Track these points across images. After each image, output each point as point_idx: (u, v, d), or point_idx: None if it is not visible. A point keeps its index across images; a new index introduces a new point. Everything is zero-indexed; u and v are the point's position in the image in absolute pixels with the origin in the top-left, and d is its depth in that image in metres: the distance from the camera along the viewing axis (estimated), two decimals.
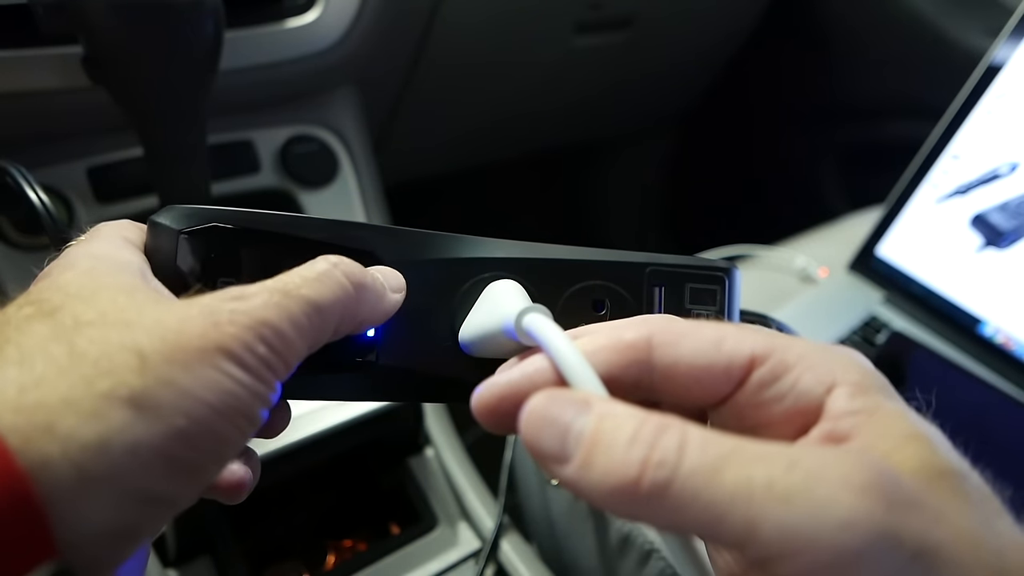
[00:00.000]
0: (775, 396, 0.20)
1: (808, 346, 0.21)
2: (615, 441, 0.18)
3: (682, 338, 0.21)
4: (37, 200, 0.38)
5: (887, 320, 0.70)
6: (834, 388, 0.20)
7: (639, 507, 0.17)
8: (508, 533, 0.60)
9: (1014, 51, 0.63)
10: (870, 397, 0.19)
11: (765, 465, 0.17)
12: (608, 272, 0.27)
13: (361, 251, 0.25)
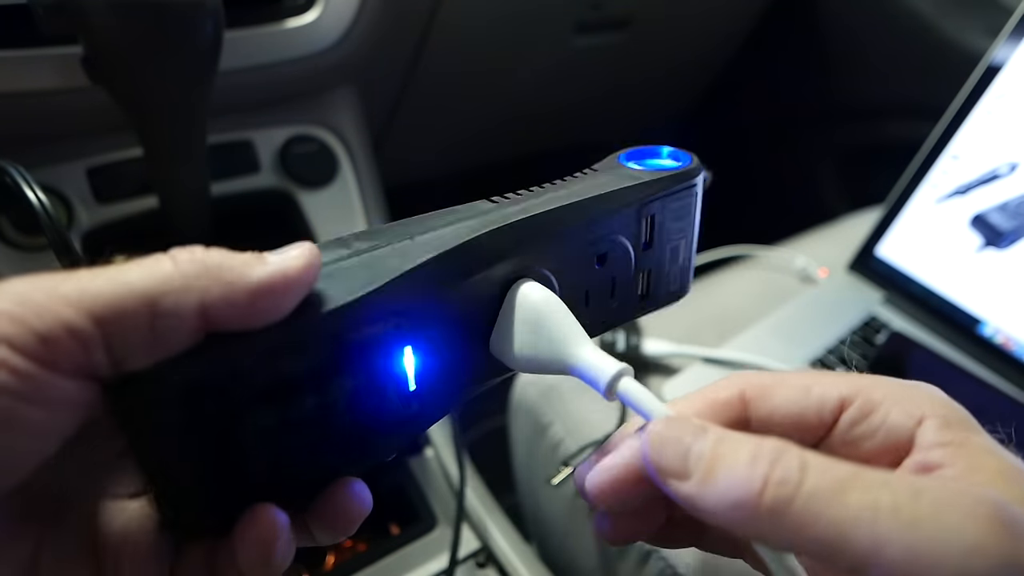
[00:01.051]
0: (867, 432, 0.22)
1: (893, 384, 0.22)
2: (737, 459, 0.19)
3: (773, 390, 0.23)
4: (36, 200, 0.38)
5: (887, 320, 0.70)
6: (923, 421, 0.21)
7: (760, 522, 0.18)
8: (508, 533, 0.60)
9: (1014, 51, 0.63)
10: (958, 430, 0.21)
11: (890, 491, 0.18)
12: (615, 226, 0.27)
13: (390, 319, 0.22)
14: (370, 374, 0.23)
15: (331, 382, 0.22)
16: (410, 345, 0.23)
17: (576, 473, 0.24)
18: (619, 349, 0.62)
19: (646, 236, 0.29)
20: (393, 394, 0.24)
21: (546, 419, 0.61)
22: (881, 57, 1.09)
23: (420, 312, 0.23)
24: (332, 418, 0.22)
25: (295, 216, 0.67)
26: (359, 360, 0.22)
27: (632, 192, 0.28)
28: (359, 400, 0.23)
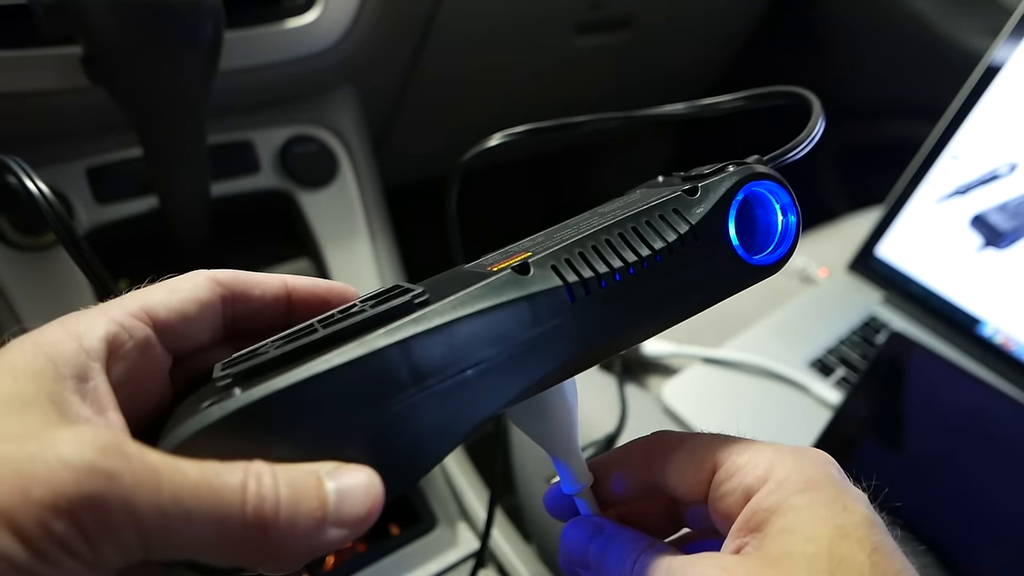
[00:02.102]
0: (727, 492, 0.24)
1: (760, 447, 0.25)
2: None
3: (671, 451, 0.26)
4: (37, 192, 0.37)
5: (887, 320, 0.70)
6: (764, 483, 0.23)
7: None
8: (508, 533, 0.60)
9: (1013, 51, 0.63)
10: (784, 491, 0.23)
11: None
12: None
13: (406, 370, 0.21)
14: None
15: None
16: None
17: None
18: None
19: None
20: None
21: None
22: (881, 57, 1.09)
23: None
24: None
25: (295, 216, 0.67)
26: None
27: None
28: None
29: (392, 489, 0.20)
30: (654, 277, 0.26)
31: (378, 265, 0.68)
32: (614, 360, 0.62)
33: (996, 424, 0.58)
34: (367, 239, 0.68)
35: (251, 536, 0.18)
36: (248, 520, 0.17)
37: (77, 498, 0.15)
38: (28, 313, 0.53)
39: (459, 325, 0.21)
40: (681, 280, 0.27)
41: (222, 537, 0.17)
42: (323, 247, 0.66)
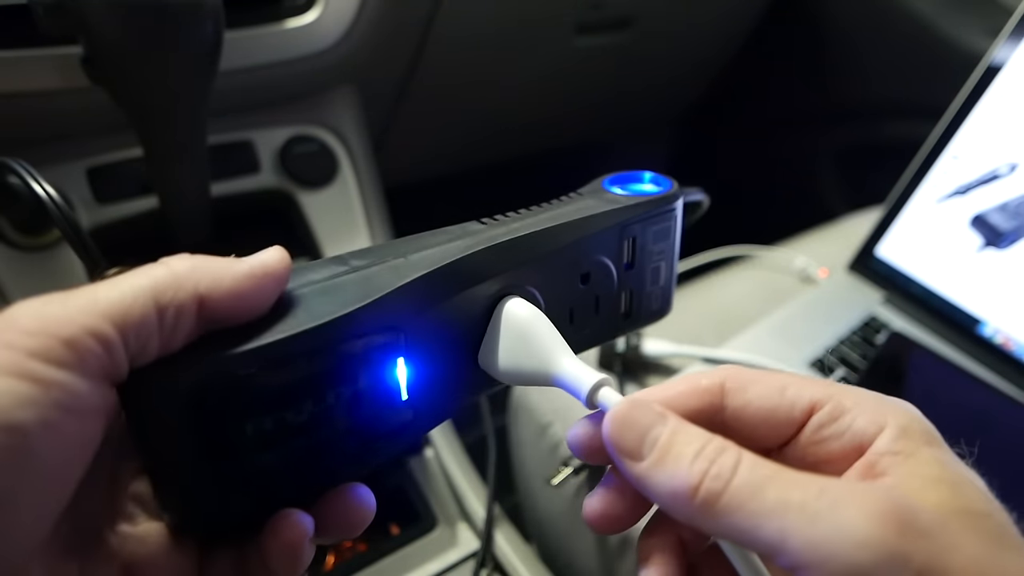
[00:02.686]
0: (833, 435, 0.23)
1: (865, 394, 0.24)
2: (683, 453, 0.21)
3: (750, 384, 0.25)
4: (43, 192, 0.37)
5: (887, 320, 0.70)
6: (883, 429, 0.22)
7: (693, 510, 0.20)
8: (508, 533, 0.60)
9: (1014, 51, 0.63)
10: (911, 441, 0.22)
11: (801, 489, 0.20)
12: (596, 247, 0.29)
13: (382, 330, 0.24)
14: (364, 383, 0.24)
15: (327, 389, 0.23)
16: (402, 357, 0.25)
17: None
18: (619, 350, 0.62)
19: (628, 257, 0.31)
20: (387, 402, 0.25)
21: (546, 419, 0.61)
22: (881, 57, 1.09)
23: (411, 326, 0.24)
24: (330, 424, 0.23)
25: (295, 216, 0.67)
26: (353, 370, 0.23)
27: (614, 215, 0.29)
28: (355, 408, 0.24)
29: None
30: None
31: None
32: (614, 360, 0.62)
33: (996, 424, 0.58)
34: (367, 239, 0.68)
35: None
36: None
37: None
38: None
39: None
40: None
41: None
42: (323, 247, 0.66)
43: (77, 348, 0.18)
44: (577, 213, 0.29)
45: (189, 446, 0.21)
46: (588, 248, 0.29)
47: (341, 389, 0.23)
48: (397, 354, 0.24)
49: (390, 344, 0.24)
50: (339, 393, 0.23)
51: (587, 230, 0.29)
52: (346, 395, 0.23)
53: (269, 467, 0.23)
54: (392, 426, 0.25)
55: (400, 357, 0.25)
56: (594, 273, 0.29)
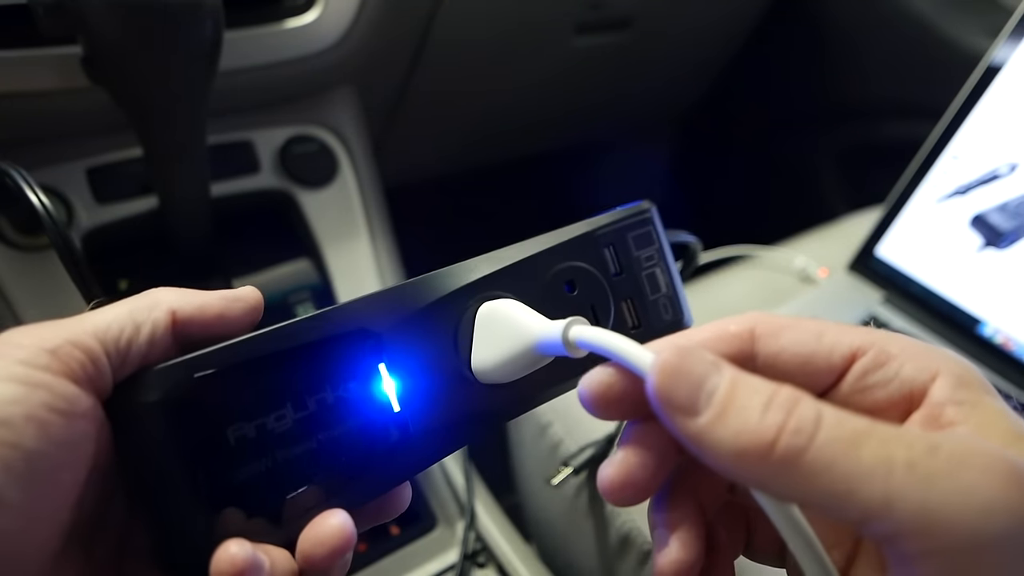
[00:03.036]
0: (879, 383, 0.21)
1: (908, 340, 0.22)
2: (750, 404, 0.18)
3: (783, 330, 0.22)
4: (38, 202, 0.38)
5: (887, 320, 0.70)
6: (937, 377, 0.20)
7: (767, 471, 0.18)
8: (508, 533, 0.60)
9: (1014, 51, 0.63)
10: (973, 391, 0.20)
11: (905, 446, 0.17)
12: (568, 254, 0.29)
13: (353, 333, 0.24)
14: (347, 390, 0.24)
15: (305, 395, 0.23)
16: (383, 363, 0.25)
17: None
18: None
19: (614, 264, 0.30)
20: (377, 413, 0.24)
21: (546, 419, 0.61)
22: (881, 57, 1.09)
23: (389, 333, 0.25)
24: (317, 434, 0.23)
25: (295, 216, 0.67)
26: (328, 374, 0.24)
27: (583, 226, 0.30)
28: (341, 417, 0.24)
29: None
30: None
31: (378, 265, 0.68)
32: None
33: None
34: (367, 239, 0.68)
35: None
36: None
37: None
38: (28, 313, 0.53)
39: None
40: None
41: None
42: (323, 247, 0.66)
43: (60, 355, 0.20)
44: (549, 236, 0.30)
45: (172, 458, 0.21)
46: (561, 255, 0.29)
47: (322, 395, 0.23)
48: (376, 360, 0.25)
49: (364, 349, 0.24)
50: (320, 400, 0.23)
51: (556, 240, 0.29)
52: (328, 402, 0.23)
53: (257, 482, 0.22)
54: (389, 441, 0.25)
55: (381, 363, 0.25)
56: (578, 280, 0.29)
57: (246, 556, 0.21)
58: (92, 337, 0.21)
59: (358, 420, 0.24)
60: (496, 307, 0.27)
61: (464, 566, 0.57)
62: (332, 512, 0.23)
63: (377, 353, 0.25)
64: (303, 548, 0.22)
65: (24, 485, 0.19)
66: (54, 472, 0.20)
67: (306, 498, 0.23)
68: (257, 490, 0.22)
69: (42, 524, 0.20)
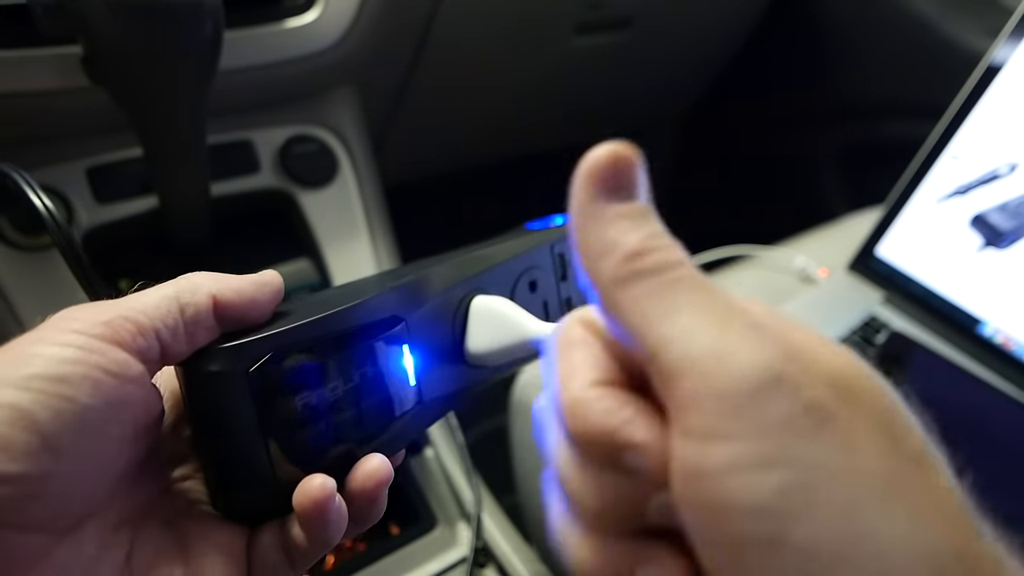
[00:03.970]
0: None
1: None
2: (645, 228, 0.21)
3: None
4: (40, 203, 0.38)
5: (887, 320, 0.70)
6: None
7: (621, 274, 0.19)
8: (508, 533, 0.60)
9: (1014, 51, 0.63)
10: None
11: (725, 307, 0.19)
12: (534, 260, 0.36)
13: (391, 318, 0.28)
14: (381, 365, 0.28)
15: (353, 369, 0.27)
16: (407, 344, 0.29)
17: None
18: None
19: (560, 271, 0.37)
20: (400, 386, 0.29)
21: None
22: (881, 57, 1.09)
23: (412, 318, 0.29)
24: (357, 402, 0.27)
25: (295, 216, 0.67)
26: (371, 352, 0.27)
27: (542, 236, 0.37)
28: (375, 388, 0.28)
29: None
30: None
31: (378, 265, 0.68)
32: None
33: (996, 424, 0.58)
34: (367, 239, 0.68)
35: None
36: None
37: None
38: (28, 313, 0.53)
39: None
40: None
41: None
42: (323, 247, 0.66)
43: (114, 326, 0.23)
44: (517, 241, 0.36)
45: (251, 418, 0.25)
46: (530, 261, 0.36)
47: (364, 369, 0.27)
48: (403, 342, 0.29)
49: (396, 332, 0.28)
50: (363, 373, 0.27)
51: (526, 247, 0.36)
52: (368, 375, 0.27)
53: (314, 440, 0.26)
54: (405, 408, 0.29)
55: (405, 344, 0.29)
56: (539, 282, 0.36)
57: (331, 485, 0.25)
58: (142, 314, 0.23)
59: (388, 390, 0.28)
60: (489, 303, 0.31)
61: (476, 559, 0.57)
62: (372, 455, 0.27)
63: (404, 337, 0.29)
64: (355, 484, 0.26)
65: (75, 435, 0.21)
66: (104, 426, 0.22)
67: (344, 454, 0.27)
68: (313, 448, 0.26)
69: (88, 470, 0.22)
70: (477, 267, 0.33)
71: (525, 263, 0.35)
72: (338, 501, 0.25)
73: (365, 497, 0.26)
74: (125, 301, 0.24)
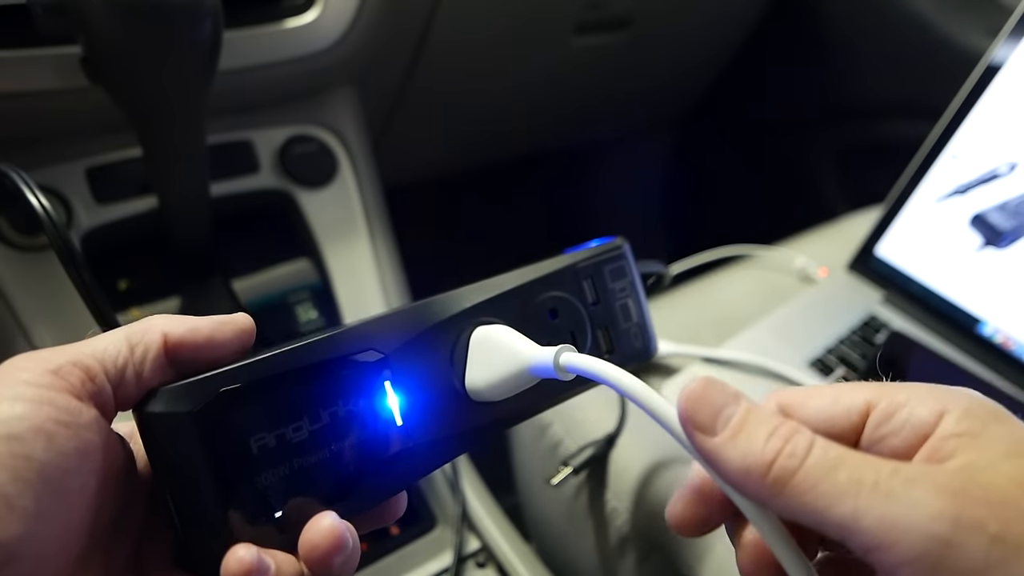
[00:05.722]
0: (892, 431, 0.23)
1: (919, 386, 0.24)
2: (757, 431, 0.22)
3: (806, 401, 0.25)
4: (37, 204, 0.38)
5: (886, 320, 0.70)
6: (944, 415, 0.22)
7: (766, 487, 0.21)
8: (508, 533, 0.60)
9: (1013, 51, 0.63)
10: (975, 421, 0.22)
11: (874, 469, 0.20)
12: (551, 283, 0.32)
13: (362, 350, 0.27)
14: (355, 405, 0.26)
15: (319, 408, 0.25)
16: (389, 381, 0.27)
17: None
18: None
19: (592, 295, 0.34)
20: (382, 427, 0.27)
21: (546, 419, 0.61)
22: (881, 57, 1.09)
23: (395, 354, 0.27)
24: (329, 444, 0.25)
25: (295, 216, 0.67)
26: (340, 389, 0.26)
27: (564, 260, 0.33)
28: (350, 429, 0.26)
29: None
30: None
31: (377, 265, 0.68)
32: None
33: None
34: (367, 239, 0.68)
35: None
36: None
37: None
38: (28, 313, 0.53)
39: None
40: None
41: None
42: (323, 247, 0.66)
43: (62, 374, 0.22)
44: (535, 268, 0.33)
45: (200, 464, 0.23)
46: (545, 287, 0.32)
47: (334, 408, 0.25)
48: (382, 378, 0.27)
49: (371, 368, 0.26)
50: (333, 412, 0.25)
51: (542, 272, 0.33)
52: (340, 415, 0.25)
53: (276, 486, 0.24)
54: (392, 451, 0.27)
55: (387, 381, 0.27)
56: (561, 309, 0.33)
57: (252, 559, 0.23)
58: (90, 358, 0.23)
59: (366, 432, 0.26)
60: (489, 332, 0.29)
61: (459, 568, 0.57)
62: (324, 514, 0.24)
63: (384, 371, 0.27)
64: (301, 550, 0.24)
65: (36, 492, 0.20)
66: (63, 479, 0.21)
67: (309, 504, 0.25)
68: (273, 495, 0.24)
69: (57, 527, 0.21)
70: (479, 296, 0.30)
71: (540, 289, 0.32)
72: (274, 572, 0.23)
73: (312, 568, 0.24)
74: (74, 346, 0.23)
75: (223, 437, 0.23)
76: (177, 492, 0.23)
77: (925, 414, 0.22)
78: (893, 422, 0.23)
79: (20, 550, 0.20)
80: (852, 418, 0.24)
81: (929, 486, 0.19)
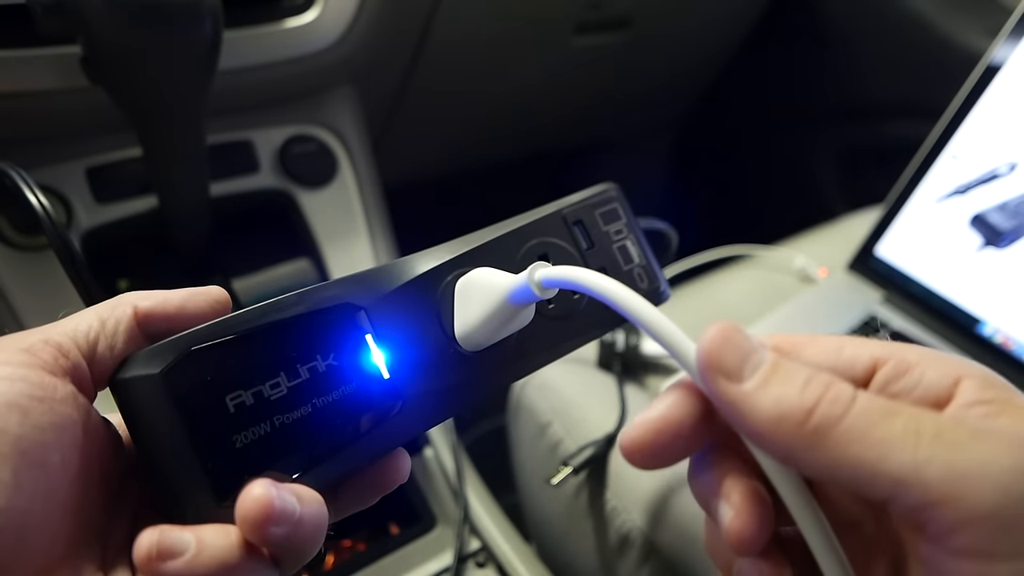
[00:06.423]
0: (902, 391, 0.21)
1: (926, 349, 0.22)
2: (793, 377, 0.19)
3: (804, 347, 0.23)
4: (36, 203, 0.38)
5: (886, 320, 0.70)
6: (961, 381, 0.20)
7: (801, 439, 0.19)
8: (508, 533, 0.60)
9: (1013, 51, 0.63)
10: (1000, 389, 0.20)
11: (932, 420, 0.18)
12: (538, 230, 0.31)
13: (337, 307, 0.26)
14: (336, 359, 0.26)
15: (296, 364, 0.25)
16: (370, 334, 0.26)
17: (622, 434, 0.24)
18: (619, 349, 0.62)
19: (585, 240, 0.32)
20: (367, 381, 0.26)
21: (545, 419, 0.61)
22: (881, 57, 1.09)
23: (374, 308, 0.27)
24: (311, 399, 0.25)
25: (295, 216, 0.67)
26: (317, 344, 0.25)
27: (549, 207, 0.32)
28: (333, 383, 0.25)
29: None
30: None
31: (377, 264, 0.68)
32: (613, 360, 0.62)
33: None
34: (367, 238, 0.68)
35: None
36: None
37: None
38: (28, 313, 0.53)
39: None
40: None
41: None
42: (323, 247, 0.66)
43: (34, 351, 0.22)
44: (520, 218, 0.31)
45: (177, 425, 0.23)
46: (532, 233, 0.31)
47: (312, 364, 0.25)
48: (361, 331, 0.26)
49: (347, 320, 0.26)
50: (312, 368, 0.25)
51: (526, 220, 0.31)
52: (320, 370, 0.25)
53: (258, 445, 0.24)
54: (381, 406, 0.26)
55: (368, 334, 0.26)
56: (552, 255, 0.31)
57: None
58: (62, 335, 0.23)
59: (350, 386, 0.26)
60: (470, 276, 0.28)
61: (460, 568, 0.57)
62: (256, 482, 0.22)
63: (362, 325, 0.26)
64: (236, 521, 0.22)
65: (13, 465, 0.20)
66: (42, 453, 0.21)
67: (290, 465, 0.24)
68: (256, 454, 0.24)
69: (39, 503, 0.21)
70: (462, 248, 0.29)
71: (527, 236, 0.30)
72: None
73: (248, 534, 0.22)
74: (47, 327, 0.24)
75: (197, 396, 0.23)
76: (154, 454, 0.23)
77: (938, 377, 0.21)
78: (904, 382, 0.21)
79: (2, 523, 0.20)
80: (855, 372, 0.22)
81: (999, 439, 0.18)
